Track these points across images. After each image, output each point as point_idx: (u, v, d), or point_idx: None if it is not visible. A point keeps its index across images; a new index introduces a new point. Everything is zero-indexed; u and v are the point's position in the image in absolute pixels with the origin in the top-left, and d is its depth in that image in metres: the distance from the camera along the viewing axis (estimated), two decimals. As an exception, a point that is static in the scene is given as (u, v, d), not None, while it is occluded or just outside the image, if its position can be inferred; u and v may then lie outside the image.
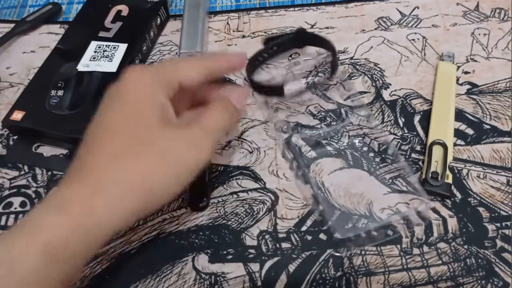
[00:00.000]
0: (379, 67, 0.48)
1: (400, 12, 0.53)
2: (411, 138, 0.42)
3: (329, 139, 0.42)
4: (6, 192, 0.41)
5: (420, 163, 0.41)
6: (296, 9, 0.54)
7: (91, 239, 0.26)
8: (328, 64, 0.47)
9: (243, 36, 0.51)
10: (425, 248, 0.36)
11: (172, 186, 0.29)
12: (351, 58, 0.48)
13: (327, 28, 0.51)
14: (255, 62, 0.47)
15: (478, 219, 0.37)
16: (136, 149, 0.28)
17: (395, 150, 0.40)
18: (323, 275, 0.35)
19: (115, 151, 0.28)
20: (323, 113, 0.44)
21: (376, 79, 0.47)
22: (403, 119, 0.43)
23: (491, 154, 0.41)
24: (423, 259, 0.35)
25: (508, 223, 0.37)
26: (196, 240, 0.37)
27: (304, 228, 0.37)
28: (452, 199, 0.38)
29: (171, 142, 0.29)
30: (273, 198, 0.39)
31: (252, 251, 0.36)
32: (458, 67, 0.47)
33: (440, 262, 0.35)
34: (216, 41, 0.51)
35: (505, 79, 0.46)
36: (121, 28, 0.49)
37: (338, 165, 0.40)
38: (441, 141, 0.40)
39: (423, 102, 0.45)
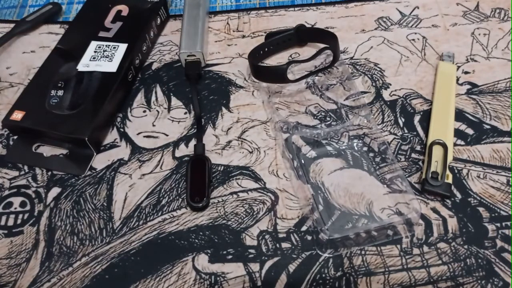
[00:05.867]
0: (379, 67, 0.48)
1: (400, 12, 0.53)
2: (411, 138, 0.42)
3: (329, 139, 0.42)
4: (6, 192, 0.41)
5: (420, 163, 0.41)
6: (296, 9, 0.54)
7: None
8: (328, 63, 0.47)
9: (243, 36, 0.52)
10: (425, 248, 0.36)
11: None
12: (351, 58, 0.48)
13: (327, 28, 0.51)
14: (256, 55, 0.47)
15: (478, 219, 0.37)
16: None
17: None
18: (323, 275, 0.35)
19: None
20: (323, 113, 0.44)
21: (376, 79, 0.47)
22: (403, 119, 0.43)
23: (491, 154, 0.41)
24: (423, 259, 0.35)
25: (508, 223, 0.37)
26: (196, 240, 0.37)
27: (304, 228, 0.37)
28: (452, 199, 0.38)
29: None
30: (273, 198, 0.39)
31: (252, 251, 0.36)
32: (458, 67, 0.47)
33: (440, 262, 0.35)
34: (216, 41, 0.51)
35: (505, 79, 0.46)
36: (121, 28, 0.49)
37: (338, 165, 0.40)
38: (441, 141, 0.40)
39: (423, 102, 0.45)
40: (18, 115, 0.42)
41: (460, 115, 0.43)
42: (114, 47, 0.47)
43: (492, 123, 0.43)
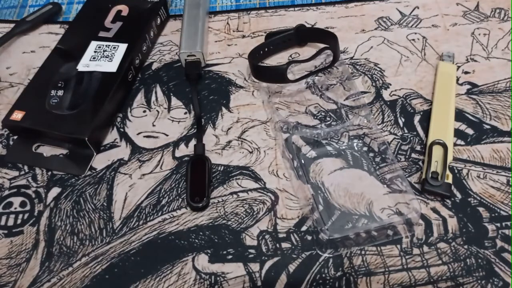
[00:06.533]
0: (379, 67, 0.48)
1: (400, 12, 0.53)
2: (411, 138, 0.42)
3: (329, 139, 0.42)
4: (6, 192, 0.41)
5: (420, 163, 0.41)
6: (296, 9, 0.54)
7: None
8: (328, 63, 0.47)
9: (243, 36, 0.52)
10: (425, 248, 0.36)
11: None
12: (351, 58, 0.48)
13: (327, 28, 0.51)
14: (256, 55, 0.47)
15: (478, 219, 0.37)
16: None
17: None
18: (323, 275, 0.35)
19: None
20: (323, 113, 0.44)
21: (376, 79, 0.47)
22: (403, 119, 0.43)
23: (491, 154, 0.41)
24: (423, 259, 0.35)
25: (508, 223, 0.37)
26: (196, 240, 0.37)
27: (304, 228, 0.37)
28: (452, 199, 0.38)
29: None
30: (273, 198, 0.39)
31: (252, 251, 0.36)
32: (458, 67, 0.47)
33: (440, 262, 0.35)
34: (216, 41, 0.51)
35: (505, 79, 0.46)
36: (121, 28, 0.49)
37: (338, 165, 0.40)
38: (441, 141, 0.40)
39: (423, 102, 0.45)
40: (18, 115, 0.42)
41: (460, 115, 0.43)
42: (114, 47, 0.47)
43: (492, 123, 0.43)
